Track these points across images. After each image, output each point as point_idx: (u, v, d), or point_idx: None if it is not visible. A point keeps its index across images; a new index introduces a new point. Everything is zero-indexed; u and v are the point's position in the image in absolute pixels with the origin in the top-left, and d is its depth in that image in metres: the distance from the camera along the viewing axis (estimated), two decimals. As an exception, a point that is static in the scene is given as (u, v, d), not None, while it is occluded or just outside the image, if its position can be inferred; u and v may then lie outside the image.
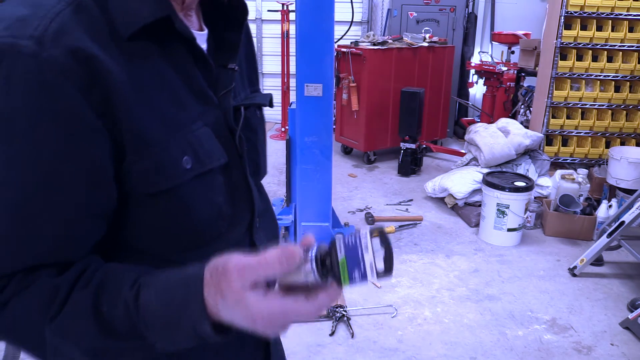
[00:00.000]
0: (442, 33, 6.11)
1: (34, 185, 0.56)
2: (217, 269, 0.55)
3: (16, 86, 0.53)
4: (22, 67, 0.53)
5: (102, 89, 0.56)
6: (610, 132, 4.61)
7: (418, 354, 2.48)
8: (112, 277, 0.60)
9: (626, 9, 4.35)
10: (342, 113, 5.52)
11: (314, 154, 3.02)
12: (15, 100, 0.54)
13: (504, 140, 4.13)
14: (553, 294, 3.02)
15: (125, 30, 0.59)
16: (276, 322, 0.55)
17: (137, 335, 0.57)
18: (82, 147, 0.57)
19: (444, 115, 5.93)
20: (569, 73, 4.51)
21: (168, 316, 0.56)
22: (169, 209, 0.64)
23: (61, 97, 0.54)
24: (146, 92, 0.60)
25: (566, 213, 3.70)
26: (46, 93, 0.54)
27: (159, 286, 0.57)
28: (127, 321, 0.57)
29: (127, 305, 0.57)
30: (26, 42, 0.53)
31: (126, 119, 0.58)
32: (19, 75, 0.53)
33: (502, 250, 3.55)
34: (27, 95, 0.54)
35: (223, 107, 0.71)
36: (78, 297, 0.58)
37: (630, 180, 3.82)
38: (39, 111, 0.54)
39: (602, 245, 3.11)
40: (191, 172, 0.64)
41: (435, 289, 3.05)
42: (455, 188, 4.05)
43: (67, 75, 0.54)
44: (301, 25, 2.81)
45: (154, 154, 0.61)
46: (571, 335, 2.64)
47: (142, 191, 0.61)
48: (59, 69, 0.54)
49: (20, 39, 0.54)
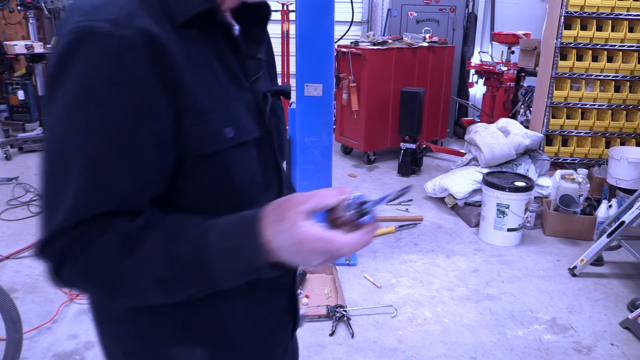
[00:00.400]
0: (442, 33, 6.11)
1: (115, 141, 0.66)
2: (280, 201, 0.67)
3: (97, 60, 0.64)
4: (101, 44, 0.64)
5: (165, 63, 0.67)
6: (610, 132, 4.61)
7: (418, 354, 2.48)
8: (179, 219, 0.70)
9: (626, 9, 4.35)
10: (342, 113, 5.52)
11: (314, 154, 3.02)
12: (99, 71, 0.64)
13: (504, 140, 4.13)
14: (553, 294, 3.02)
15: (179, 18, 0.70)
16: (318, 249, 0.64)
17: (202, 267, 0.66)
18: (151, 110, 0.67)
19: (444, 115, 5.93)
20: (569, 73, 4.51)
21: (230, 248, 0.66)
22: (214, 172, 0.74)
23: (134, 68, 0.64)
24: (196, 70, 0.71)
25: (566, 213, 3.70)
26: (122, 65, 0.64)
27: (223, 223, 0.68)
28: (194, 254, 0.66)
29: (194, 240, 0.66)
30: (103, 24, 0.64)
31: (183, 90, 0.69)
32: (99, 50, 0.64)
33: (502, 250, 3.55)
34: (107, 67, 0.64)
35: (253, 91, 0.82)
36: (152, 235, 0.67)
37: (630, 180, 3.82)
38: (117, 80, 0.64)
39: (602, 245, 3.11)
40: (232, 140, 0.74)
41: (435, 289, 3.05)
42: (455, 188, 4.05)
43: (138, 51, 0.64)
44: (301, 25, 2.81)
45: (204, 121, 0.71)
46: (571, 335, 2.64)
47: (195, 153, 0.71)
48: (132, 45, 0.64)
49: (98, 22, 0.64)
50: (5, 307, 2.10)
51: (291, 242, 0.64)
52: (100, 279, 0.68)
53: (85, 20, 0.65)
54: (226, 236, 0.66)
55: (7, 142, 5.47)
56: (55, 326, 2.62)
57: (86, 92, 0.64)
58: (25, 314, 2.60)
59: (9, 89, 6.11)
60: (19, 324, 2.15)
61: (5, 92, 6.18)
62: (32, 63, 5.67)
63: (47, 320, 2.65)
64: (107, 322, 0.84)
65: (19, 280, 3.04)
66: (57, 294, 2.90)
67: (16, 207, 4.12)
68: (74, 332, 2.58)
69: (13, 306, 2.13)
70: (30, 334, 2.53)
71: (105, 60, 0.64)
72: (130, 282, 0.67)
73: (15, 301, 2.17)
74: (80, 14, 0.66)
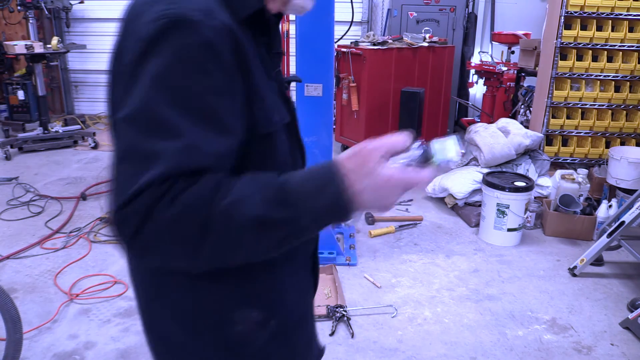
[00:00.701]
0: (442, 33, 6.11)
1: (211, 105, 0.74)
2: (355, 150, 0.75)
3: (191, 43, 0.72)
4: (194, 30, 0.72)
5: (240, 52, 0.77)
6: (610, 132, 4.61)
7: (418, 354, 2.47)
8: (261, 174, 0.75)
9: (626, 9, 4.35)
10: (342, 113, 5.52)
11: (313, 154, 3.02)
12: (193, 51, 0.72)
13: (504, 140, 4.13)
14: (553, 294, 3.02)
15: (242, 14, 0.80)
16: (401, 186, 0.73)
17: (289, 207, 0.71)
18: (236, 88, 0.77)
19: (444, 115, 5.93)
20: (569, 73, 4.51)
21: (314, 188, 0.72)
22: (264, 152, 0.83)
23: (222, 52, 0.74)
24: (255, 61, 0.81)
25: (566, 213, 3.70)
26: (213, 49, 0.73)
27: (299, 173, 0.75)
28: (281, 197, 0.71)
29: (278, 185, 0.72)
30: (195, 12, 0.72)
31: (251, 77, 0.79)
32: (194, 35, 0.72)
33: (502, 250, 3.55)
34: (201, 49, 0.72)
35: (279, 80, 0.92)
36: (240, 184, 0.72)
37: (630, 180, 3.82)
38: (210, 59, 0.73)
39: (602, 245, 3.11)
40: (277, 124, 0.85)
41: (435, 289, 3.05)
42: (455, 188, 4.05)
43: (224, 39, 0.74)
44: (301, 25, 2.81)
45: (263, 106, 0.82)
46: (571, 335, 2.64)
47: (257, 132, 0.81)
48: (219, 34, 0.73)
49: (189, 11, 0.72)
50: (5, 307, 2.10)
51: (375, 184, 0.72)
52: (188, 230, 0.69)
53: (174, 8, 0.73)
54: (308, 180, 0.73)
55: (7, 142, 5.48)
56: (55, 326, 2.62)
57: (182, 66, 0.72)
58: (25, 314, 2.60)
59: (9, 89, 6.12)
60: (19, 324, 2.15)
61: (5, 92, 6.19)
62: (32, 63, 5.67)
63: (47, 320, 2.65)
64: (166, 294, 0.87)
65: (19, 280, 3.04)
66: (57, 294, 2.90)
67: (16, 207, 4.12)
68: (74, 332, 2.58)
69: (13, 306, 2.13)
70: (30, 334, 2.53)
71: (198, 44, 0.72)
72: (223, 229, 0.69)
73: (15, 301, 2.17)
74: (165, 3, 0.74)
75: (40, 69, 5.73)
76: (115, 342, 2.51)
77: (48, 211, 4.04)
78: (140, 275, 0.91)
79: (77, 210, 4.06)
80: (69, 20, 6.69)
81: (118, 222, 0.69)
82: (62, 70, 7.24)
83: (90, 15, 7.03)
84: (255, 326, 0.88)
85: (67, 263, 3.24)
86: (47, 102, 6.01)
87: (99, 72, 7.31)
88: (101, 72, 7.29)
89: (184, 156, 0.70)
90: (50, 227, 3.74)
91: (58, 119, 6.60)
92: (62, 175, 4.91)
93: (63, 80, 7.28)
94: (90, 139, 5.84)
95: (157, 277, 0.88)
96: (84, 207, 4.13)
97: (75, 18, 6.94)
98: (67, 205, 4.15)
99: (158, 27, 0.72)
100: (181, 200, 0.68)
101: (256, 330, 0.88)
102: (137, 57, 0.72)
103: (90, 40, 6.94)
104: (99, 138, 5.98)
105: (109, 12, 7.02)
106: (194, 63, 0.72)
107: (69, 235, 3.63)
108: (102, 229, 3.74)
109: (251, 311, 0.87)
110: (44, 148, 5.69)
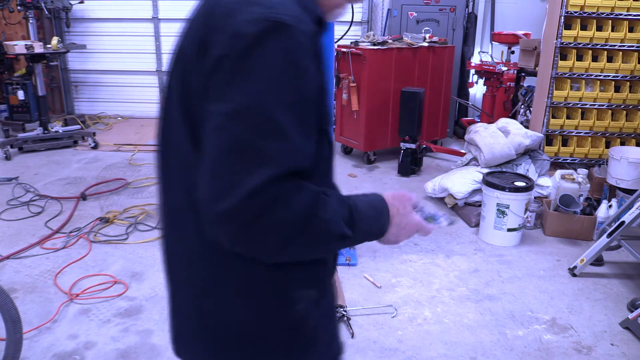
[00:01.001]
0: (442, 33, 6.11)
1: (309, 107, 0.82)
2: (395, 195, 0.98)
3: (291, 45, 0.78)
4: (291, 33, 0.78)
5: (320, 54, 0.85)
6: (610, 132, 4.61)
7: (418, 354, 2.47)
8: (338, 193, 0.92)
9: (626, 9, 4.35)
10: (342, 113, 5.52)
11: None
12: (292, 54, 0.78)
13: (504, 140, 4.13)
14: (553, 294, 3.02)
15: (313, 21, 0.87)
16: (414, 231, 1.00)
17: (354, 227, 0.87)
18: (319, 89, 0.85)
19: (444, 115, 5.93)
20: (569, 73, 4.51)
21: (372, 216, 0.92)
22: (324, 145, 0.92)
23: (313, 55, 0.81)
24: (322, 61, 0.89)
25: (566, 213, 3.70)
26: (306, 51, 0.80)
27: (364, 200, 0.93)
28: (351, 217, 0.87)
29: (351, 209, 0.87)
30: (289, 18, 0.79)
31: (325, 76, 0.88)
32: (292, 38, 0.78)
33: (502, 250, 3.55)
34: (298, 51, 0.79)
35: None
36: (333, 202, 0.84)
37: (630, 180, 3.82)
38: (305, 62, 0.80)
39: (602, 245, 3.11)
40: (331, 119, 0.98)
41: (435, 289, 3.05)
42: (455, 188, 4.04)
43: (314, 43, 0.82)
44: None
45: (328, 103, 0.93)
46: (571, 335, 2.64)
47: (322, 127, 0.89)
48: (311, 38, 0.81)
49: (286, 17, 0.78)
50: (5, 307, 2.10)
51: (403, 223, 0.97)
52: (290, 231, 0.78)
53: (273, 12, 0.78)
54: (368, 208, 0.91)
55: (7, 142, 5.48)
56: (55, 326, 2.62)
57: (288, 68, 0.78)
58: (25, 314, 2.60)
59: (9, 89, 6.12)
60: (19, 324, 2.15)
61: (5, 92, 6.19)
62: (32, 63, 5.67)
63: (47, 320, 2.65)
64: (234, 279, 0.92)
65: (19, 280, 3.04)
66: (57, 294, 2.90)
67: (16, 207, 4.12)
68: (74, 332, 2.58)
69: (13, 306, 2.13)
70: (30, 334, 2.53)
71: (297, 47, 0.78)
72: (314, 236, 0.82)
73: (15, 301, 2.17)
74: (261, 7, 0.79)
75: (40, 69, 5.73)
76: (115, 342, 2.51)
77: (48, 211, 4.04)
78: (208, 261, 0.93)
79: (77, 210, 4.06)
80: (69, 20, 6.69)
81: (224, 217, 0.76)
82: (62, 70, 7.24)
83: (90, 15, 7.04)
84: (311, 304, 0.98)
85: (67, 263, 3.24)
86: (47, 102, 6.01)
87: (99, 72, 7.32)
88: (101, 72, 7.31)
89: (292, 159, 0.77)
90: (50, 227, 3.74)
91: (58, 119, 6.60)
92: (62, 175, 4.91)
93: (63, 80, 7.29)
94: (90, 139, 5.84)
95: (228, 262, 0.91)
96: (84, 207, 4.13)
97: (75, 18, 6.94)
98: (67, 205, 4.15)
99: (261, 29, 0.77)
100: (293, 205, 0.77)
101: (312, 308, 0.98)
102: (238, 54, 0.76)
103: (90, 40, 6.94)
104: (99, 138, 5.98)
105: (109, 12, 7.04)
106: (296, 66, 0.78)
107: (69, 235, 3.63)
108: (102, 228, 3.74)
109: (308, 291, 0.97)
110: (44, 148, 5.69)
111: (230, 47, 0.77)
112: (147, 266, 3.24)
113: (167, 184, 0.99)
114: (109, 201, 4.29)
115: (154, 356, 2.42)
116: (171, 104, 0.92)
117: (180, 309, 1.02)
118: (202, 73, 0.81)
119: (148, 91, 7.34)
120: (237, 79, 0.76)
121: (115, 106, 7.36)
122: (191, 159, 0.85)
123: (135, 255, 3.38)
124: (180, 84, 0.88)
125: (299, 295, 0.96)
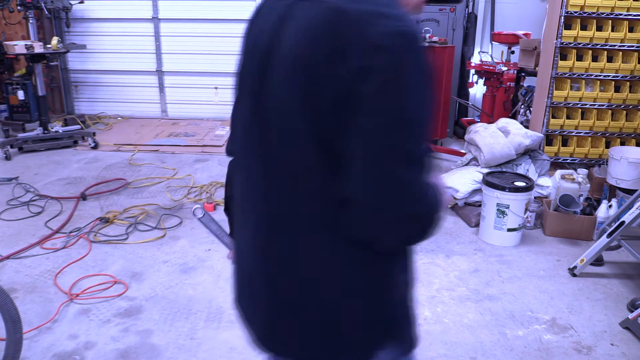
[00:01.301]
0: (442, 33, 6.10)
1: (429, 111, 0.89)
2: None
3: (424, 56, 0.85)
4: (420, 44, 0.85)
5: None
6: (610, 132, 4.61)
7: (418, 354, 2.47)
8: None
9: (626, 9, 4.35)
10: (342, 113, 5.51)
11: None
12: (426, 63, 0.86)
13: (504, 140, 4.13)
14: (553, 294, 3.02)
15: None
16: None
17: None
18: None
19: (444, 115, 5.92)
20: (569, 73, 4.51)
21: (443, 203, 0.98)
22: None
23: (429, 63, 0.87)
24: None
25: (566, 213, 3.70)
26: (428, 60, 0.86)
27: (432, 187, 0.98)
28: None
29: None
30: (415, 29, 0.84)
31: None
32: (421, 48, 0.85)
33: (502, 250, 3.55)
34: (425, 59, 0.86)
35: None
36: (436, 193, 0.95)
37: (630, 180, 3.82)
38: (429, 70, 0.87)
39: (602, 245, 3.11)
40: None
41: (435, 289, 3.05)
42: (455, 188, 4.04)
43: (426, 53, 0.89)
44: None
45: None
46: (571, 335, 2.64)
47: None
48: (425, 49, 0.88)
49: (413, 27, 0.84)
50: (5, 307, 2.10)
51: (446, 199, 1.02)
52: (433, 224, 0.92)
53: (404, 25, 0.83)
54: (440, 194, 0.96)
55: (7, 142, 5.48)
56: (55, 326, 2.62)
57: (427, 80, 0.86)
58: (25, 314, 2.60)
59: (9, 89, 6.12)
60: (19, 324, 2.15)
61: (5, 92, 6.19)
62: (32, 63, 5.66)
63: (47, 320, 2.65)
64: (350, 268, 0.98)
65: (19, 280, 3.04)
66: (57, 294, 2.90)
67: (16, 207, 4.12)
68: (74, 332, 2.58)
69: (13, 306, 2.13)
70: (30, 334, 2.53)
71: (424, 54, 0.85)
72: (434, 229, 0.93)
73: (15, 301, 2.17)
74: (393, 19, 0.83)
75: (40, 69, 5.73)
76: (115, 342, 2.51)
77: (48, 211, 4.04)
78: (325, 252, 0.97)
79: (77, 210, 4.06)
80: (69, 20, 6.69)
81: (431, 225, 0.91)
82: (62, 70, 7.23)
83: (90, 15, 7.03)
84: (407, 286, 1.08)
85: (67, 263, 3.24)
86: (47, 102, 6.01)
87: (99, 72, 7.31)
88: (101, 72, 7.30)
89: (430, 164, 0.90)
90: (50, 227, 3.74)
91: (58, 119, 6.60)
92: (62, 175, 4.91)
93: (63, 80, 7.28)
94: (90, 139, 5.84)
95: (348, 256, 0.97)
96: (83, 207, 4.13)
97: (75, 18, 6.94)
98: (67, 205, 4.15)
99: (406, 43, 0.83)
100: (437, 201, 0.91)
101: (407, 290, 1.09)
102: (383, 65, 0.81)
103: (90, 40, 6.94)
104: (99, 138, 5.98)
105: (109, 12, 7.03)
106: (426, 75, 0.86)
107: (69, 235, 3.63)
108: (102, 228, 3.74)
109: (406, 275, 1.07)
110: (44, 148, 5.69)
111: (373, 59, 0.81)
112: (147, 266, 3.24)
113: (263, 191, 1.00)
114: (109, 201, 4.29)
115: (154, 356, 2.42)
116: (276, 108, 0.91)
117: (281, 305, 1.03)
118: (340, 81, 0.82)
119: (148, 91, 7.34)
120: (388, 92, 0.82)
121: (115, 106, 7.36)
122: (312, 165, 0.89)
123: (135, 255, 3.38)
124: (302, 90, 0.86)
125: (401, 279, 1.06)
